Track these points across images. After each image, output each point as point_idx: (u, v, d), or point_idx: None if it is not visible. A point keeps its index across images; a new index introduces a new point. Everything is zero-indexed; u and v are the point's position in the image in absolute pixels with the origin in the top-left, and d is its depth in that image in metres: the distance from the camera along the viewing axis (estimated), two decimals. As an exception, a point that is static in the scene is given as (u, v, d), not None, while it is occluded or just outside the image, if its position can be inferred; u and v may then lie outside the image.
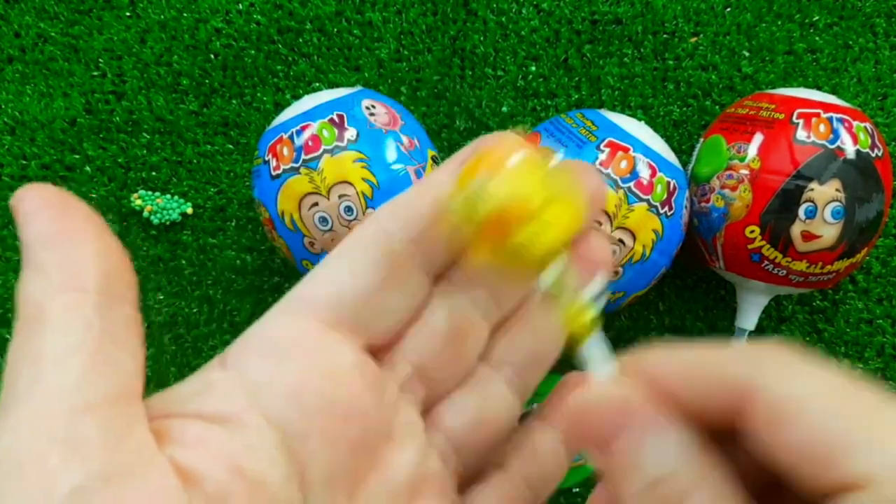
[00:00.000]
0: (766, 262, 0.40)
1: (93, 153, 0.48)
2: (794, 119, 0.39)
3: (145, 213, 0.47)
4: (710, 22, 0.48)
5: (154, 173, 0.48)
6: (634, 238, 0.38)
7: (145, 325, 0.47)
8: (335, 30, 0.49)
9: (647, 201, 0.38)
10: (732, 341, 0.45)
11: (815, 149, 0.39)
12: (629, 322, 0.48)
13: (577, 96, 0.48)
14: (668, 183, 0.39)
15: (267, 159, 0.40)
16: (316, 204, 0.38)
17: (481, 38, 0.49)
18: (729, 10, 0.49)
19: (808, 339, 0.47)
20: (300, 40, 0.49)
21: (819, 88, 0.47)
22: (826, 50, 0.48)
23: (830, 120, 0.39)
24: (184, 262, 0.47)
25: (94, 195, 0.48)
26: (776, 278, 0.41)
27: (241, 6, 0.49)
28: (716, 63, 0.48)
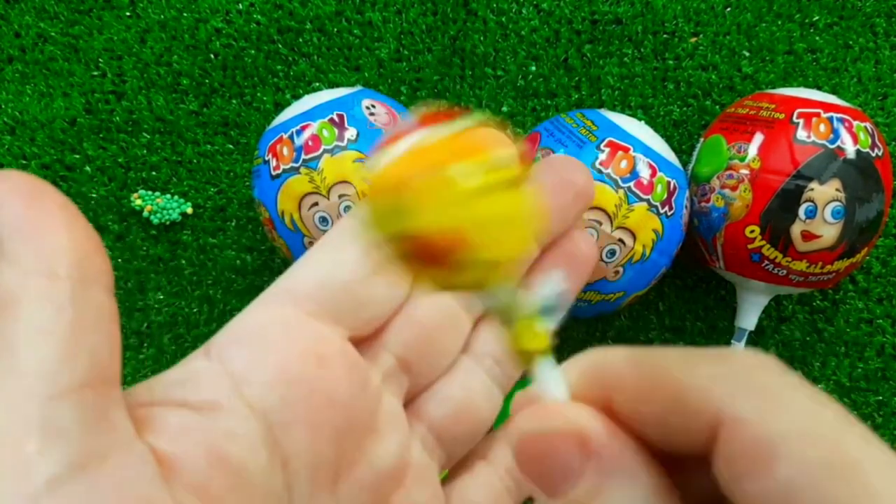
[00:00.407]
0: (766, 261, 0.40)
1: (93, 153, 0.48)
2: (795, 119, 0.39)
3: (145, 213, 0.47)
4: (710, 22, 0.48)
5: (154, 173, 0.48)
6: (634, 238, 0.38)
7: (145, 325, 0.47)
8: (335, 30, 0.49)
9: (648, 201, 0.38)
10: (733, 341, 0.45)
11: (815, 149, 0.39)
12: (629, 322, 0.48)
13: (577, 96, 0.48)
14: (669, 183, 0.39)
15: (267, 159, 0.40)
16: (316, 204, 0.38)
17: (481, 38, 0.49)
18: (729, 10, 0.49)
19: (808, 339, 0.47)
20: (300, 40, 0.49)
21: (819, 88, 0.47)
22: (826, 50, 0.48)
23: (831, 120, 0.39)
24: (184, 262, 0.47)
25: (94, 195, 0.48)
26: (776, 278, 0.41)
27: (241, 6, 0.49)
28: (716, 63, 0.48)
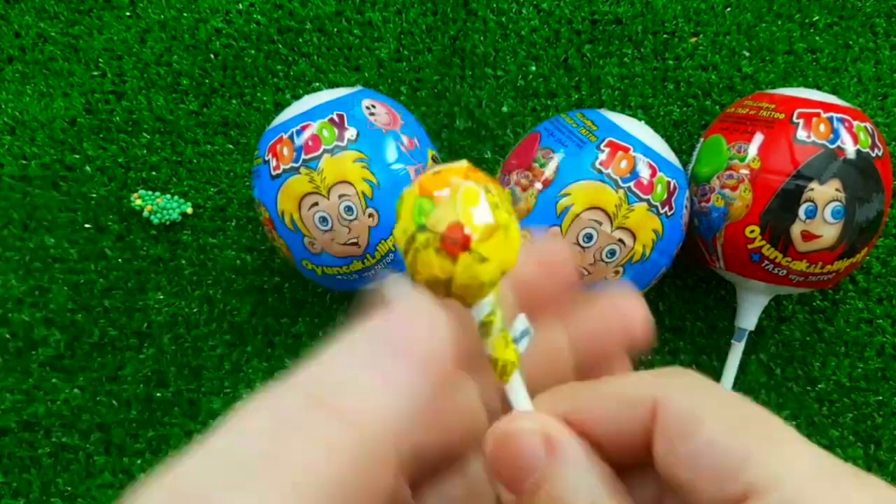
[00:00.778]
0: (766, 261, 0.40)
1: (93, 153, 0.48)
2: (795, 119, 0.39)
3: (145, 213, 0.47)
4: (710, 22, 0.48)
5: (154, 173, 0.48)
6: (634, 238, 0.38)
7: (145, 325, 0.47)
8: (335, 30, 0.49)
9: (648, 201, 0.38)
10: (733, 341, 0.45)
11: (815, 149, 0.39)
12: (629, 322, 0.48)
13: (577, 96, 0.48)
14: (669, 183, 0.39)
15: (267, 159, 0.40)
16: (316, 204, 0.38)
17: (481, 38, 0.49)
18: (729, 10, 0.49)
19: (808, 339, 0.47)
20: (300, 40, 0.49)
21: (819, 88, 0.47)
22: (826, 50, 0.48)
23: (831, 120, 0.39)
24: (184, 262, 0.47)
25: (94, 195, 0.48)
26: (776, 278, 0.41)
27: (241, 6, 0.49)
28: (716, 63, 0.48)
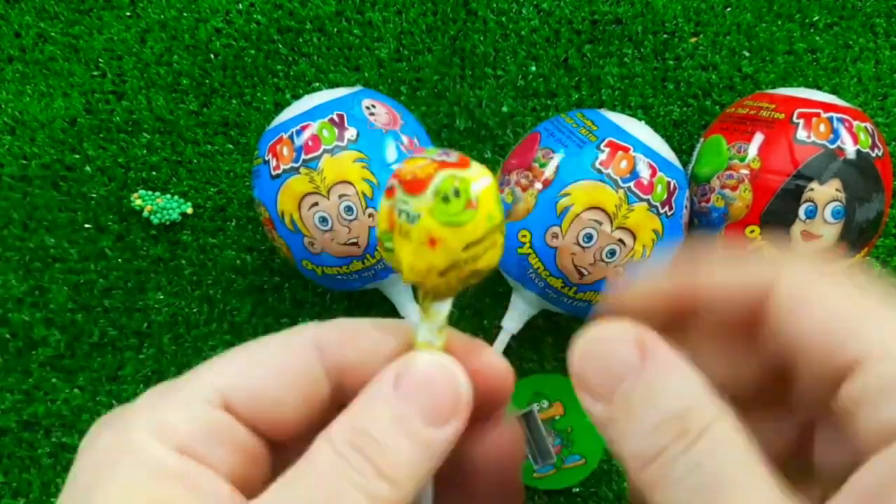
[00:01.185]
0: (766, 262, 0.40)
1: (93, 153, 0.48)
2: (795, 119, 0.39)
3: (145, 213, 0.47)
4: (710, 22, 0.48)
5: (154, 173, 0.48)
6: (634, 238, 0.38)
7: (145, 325, 0.47)
8: (335, 30, 0.49)
9: (648, 201, 0.38)
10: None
11: (815, 149, 0.39)
12: (629, 322, 0.48)
13: (577, 96, 0.48)
14: (669, 183, 0.39)
15: (267, 159, 0.40)
16: (316, 204, 0.38)
17: (481, 38, 0.49)
18: (729, 10, 0.49)
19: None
20: (300, 40, 0.49)
21: (819, 88, 0.47)
22: (826, 50, 0.48)
23: (831, 120, 0.39)
24: (184, 262, 0.47)
25: (94, 195, 0.48)
26: (776, 278, 0.41)
27: (241, 6, 0.49)
28: (716, 63, 0.48)
